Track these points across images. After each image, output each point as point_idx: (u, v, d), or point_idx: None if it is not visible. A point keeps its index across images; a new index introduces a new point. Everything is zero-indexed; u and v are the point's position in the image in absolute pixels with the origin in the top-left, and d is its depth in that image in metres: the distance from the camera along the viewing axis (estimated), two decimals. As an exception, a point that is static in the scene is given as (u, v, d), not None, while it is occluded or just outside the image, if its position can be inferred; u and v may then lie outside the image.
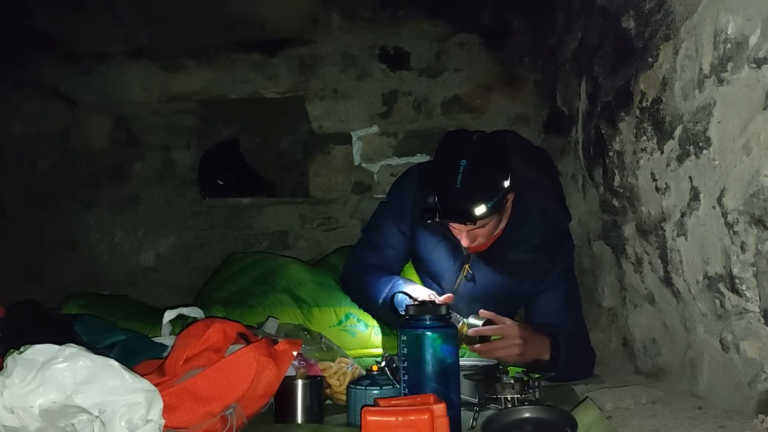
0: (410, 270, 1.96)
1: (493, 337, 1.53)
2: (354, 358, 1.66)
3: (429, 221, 1.65)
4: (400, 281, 1.77)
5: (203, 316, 1.52)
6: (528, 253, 1.76)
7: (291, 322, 1.69)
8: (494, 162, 1.63)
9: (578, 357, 1.69)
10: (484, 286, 1.80)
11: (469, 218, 1.57)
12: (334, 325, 1.72)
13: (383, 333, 1.82)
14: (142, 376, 1.00)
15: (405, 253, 1.93)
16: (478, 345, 1.52)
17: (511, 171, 1.63)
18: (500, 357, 1.51)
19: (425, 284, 1.85)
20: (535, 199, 1.77)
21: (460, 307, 1.70)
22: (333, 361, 1.51)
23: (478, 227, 1.64)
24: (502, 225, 1.76)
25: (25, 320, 1.35)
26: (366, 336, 1.77)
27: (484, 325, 1.53)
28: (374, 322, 1.79)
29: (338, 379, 1.43)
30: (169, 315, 1.48)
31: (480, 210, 1.55)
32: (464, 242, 1.69)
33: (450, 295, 1.66)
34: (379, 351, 1.76)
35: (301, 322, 1.75)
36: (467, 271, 1.81)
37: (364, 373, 1.43)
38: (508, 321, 1.56)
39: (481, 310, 1.57)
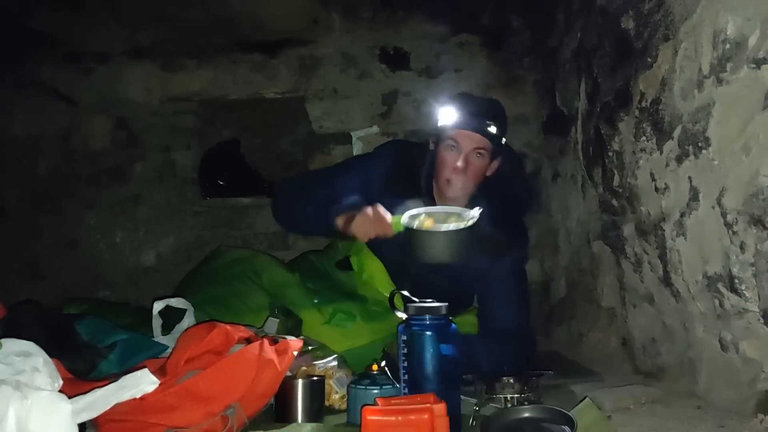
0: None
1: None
2: (349, 349, 1.66)
3: (448, 127, 1.68)
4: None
5: (191, 308, 1.54)
6: (494, 228, 1.80)
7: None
8: (501, 108, 1.83)
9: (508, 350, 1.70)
10: None
11: (484, 127, 1.66)
12: (324, 323, 1.72)
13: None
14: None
15: None
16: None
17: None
18: None
19: (383, 249, 1.86)
20: (510, 182, 1.86)
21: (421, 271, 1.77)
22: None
23: (477, 156, 1.69)
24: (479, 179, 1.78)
25: (26, 320, 1.35)
26: (357, 327, 1.76)
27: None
28: (360, 314, 1.78)
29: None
30: (157, 306, 1.50)
31: (492, 128, 1.66)
32: (460, 163, 1.69)
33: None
34: (373, 339, 1.74)
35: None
36: None
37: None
38: None
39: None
